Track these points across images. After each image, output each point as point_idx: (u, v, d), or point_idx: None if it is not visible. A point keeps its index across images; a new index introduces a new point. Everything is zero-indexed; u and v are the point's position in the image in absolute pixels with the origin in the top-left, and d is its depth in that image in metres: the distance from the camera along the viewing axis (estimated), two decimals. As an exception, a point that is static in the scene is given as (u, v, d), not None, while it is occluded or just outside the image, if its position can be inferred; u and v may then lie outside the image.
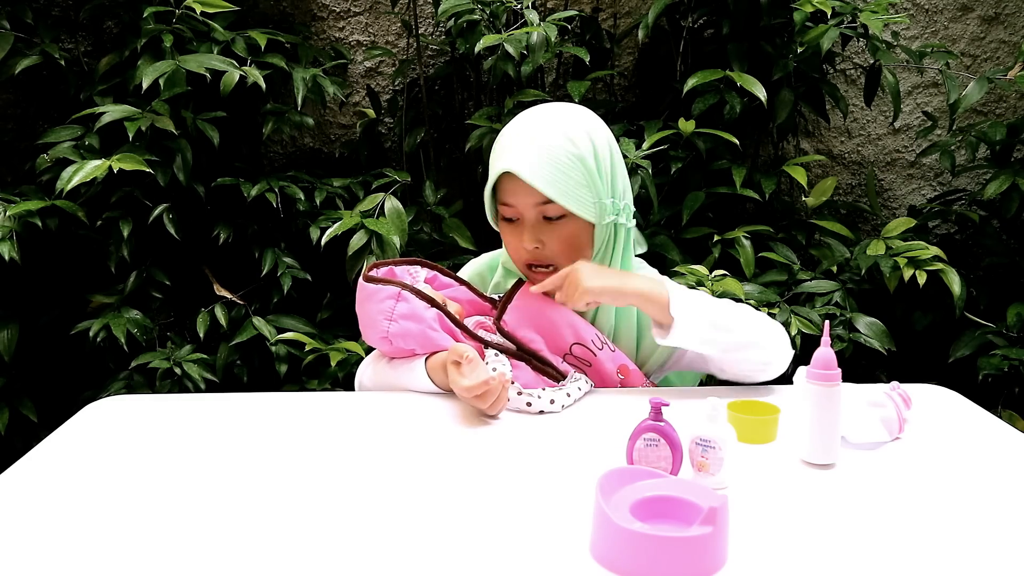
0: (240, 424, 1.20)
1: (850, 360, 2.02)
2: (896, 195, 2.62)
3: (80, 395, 2.06)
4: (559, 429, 1.17)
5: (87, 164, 1.95)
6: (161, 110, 2.04)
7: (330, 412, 1.25)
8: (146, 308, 2.15)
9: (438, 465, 1.05)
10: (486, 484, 0.99)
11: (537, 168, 1.27)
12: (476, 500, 0.95)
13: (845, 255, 2.21)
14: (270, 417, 1.23)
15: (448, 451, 1.10)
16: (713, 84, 2.14)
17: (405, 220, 2.15)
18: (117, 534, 0.88)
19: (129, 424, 1.20)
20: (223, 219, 2.20)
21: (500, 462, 1.06)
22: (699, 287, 1.96)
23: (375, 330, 1.30)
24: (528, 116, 1.34)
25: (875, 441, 1.11)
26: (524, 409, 1.22)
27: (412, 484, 0.99)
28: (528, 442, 1.12)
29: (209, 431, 1.17)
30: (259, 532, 0.88)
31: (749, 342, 1.28)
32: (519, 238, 1.34)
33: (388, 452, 1.09)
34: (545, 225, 1.32)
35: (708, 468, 0.97)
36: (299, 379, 2.13)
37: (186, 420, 1.22)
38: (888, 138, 2.59)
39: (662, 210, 2.21)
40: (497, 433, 1.15)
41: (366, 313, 1.31)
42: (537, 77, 2.40)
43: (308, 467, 1.05)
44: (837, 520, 0.91)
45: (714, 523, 0.79)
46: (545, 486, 0.99)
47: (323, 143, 2.57)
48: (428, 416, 1.22)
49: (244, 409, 1.26)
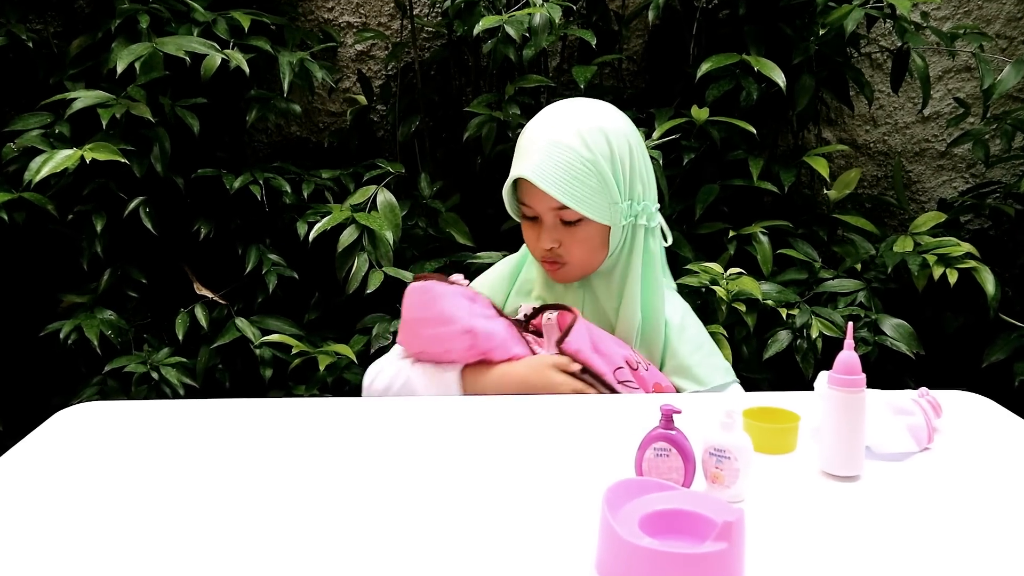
0: (222, 432, 1.20)
1: (875, 365, 2.02)
2: (925, 188, 2.62)
3: (49, 401, 2.06)
4: (563, 438, 1.17)
5: (57, 154, 1.95)
6: (137, 96, 2.04)
7: (319, 419, 1.25)
8: (121, 308, 2.15)
9: (436, 475, 1.05)
10: (486, 496, 1.00)
11: (551, 175, 1.37)
12: (475, 513, 0.95)
13: (870, 252, 2.21)
14: (254, 425, 1.23)
15: (446, 460, 1.10)
16: (728, 69, 2.14)
17: (399, 214, 2.15)
18: (88, 551, 0.88)
19: (102, 432, 1.20)
20: (204, 213, 2.20)
21: (501, 473, 1.06)
22: (714, 286, 1.97)
23: (456, 325, 1.38)
24: (546, 117, 1.44)
25: (902, 451, 1.11)
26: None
27: (408, 496, 1.00)
28: (530, 452, 1.12)
29: (189, 440, 1.17)
30: (243, 552, 0.88)
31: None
32: (538, 236, 1.45)
33: (382, 463, 1.09)
34: (563, 227, 1.43)
35: (723, 480, 0.97)
36: (285, 384, 2.13)
37: (164, 428, 1.22)
38: (917, 126, 2.59)
39: (673, 204, 2.20)
40: (498, 443, 1.16)
41: (442, 311, 1.39)
42: (540, 61, 2.40)
43: (296, 479, 1.05)
44: (861, 536, 0.91)
45: (729, 539, 0.79)
46: (548, 498, 0.99)
47: (311, 132, 2.57)
48: (424, 424, 1.22)
49: (226, 416, 1.26)
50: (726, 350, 1.93)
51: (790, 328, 2.02)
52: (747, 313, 1.98)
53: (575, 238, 1.42)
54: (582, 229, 1.42)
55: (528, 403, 1.30)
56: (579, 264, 1.45)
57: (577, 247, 1.43)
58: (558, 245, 1.43)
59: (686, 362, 1.46)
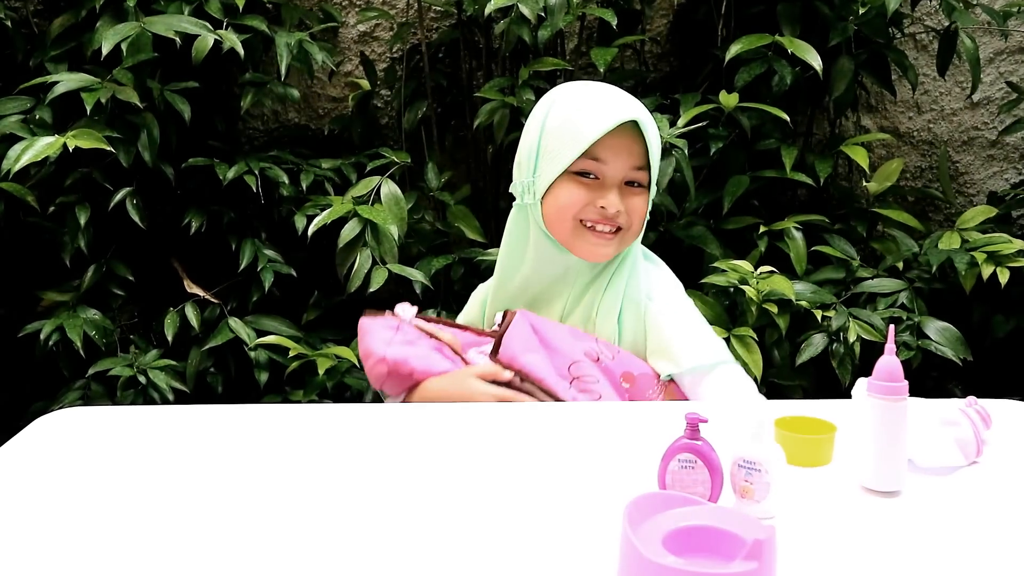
0: (214, 441, 1.20)
1: (918, 371, 2.01)
2: (974, 180, 2.61)
3: (29, 407, 2.07)
4: (581, 448, 1.17)
5: (38, 141, 1.96)
6: (123, 79, 2.05)
7: (318, 427, 1.25)
8: (106, 307, 2.17)
9: (445, 487, 1.05)
10: (498, 509, 0.99)
11: (652, 128, 1.42)
12: (487, 528, 0.95)
13: (913, 249, 2.20)
14: (248, 433, 1.23)
15: (457, 471, 1.10)
16: (760, 51, 2.14)
17: (404, 207, 2.15)
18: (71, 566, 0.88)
19: (85, 440, 1.21)
20: (195, 205, 2.21)
21: (515, 485, 1.06)
22: (743, 285, 1.96)
23: (373, 358, 1.44)
24: (600, 84, 1.47)
25: (948, 465, 1.11)
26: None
27: (415, 510, 0.99)
28: (547, 463, 1.12)
29: (178, 448, 1.18)
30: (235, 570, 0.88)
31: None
32: (593, 195, 1.41)
33: (387, 474, 1.09)
34: (625, 190, 1.44)
35: (752, 494, 0.96)
36: (282, 389, 2.13)
37: (151, 435, 1.22)
38: (965, 113, 2.58)
39: (700, 197, 2.20)
40: (512, 452, 1.15)
41: (365, 347, 1.46)
42: (556, 43, 2.40)
43: (293, 492, 1.05)
44: (901, 557, 0.91)
45: (759, 558, 0.79)
46: (565, 513, 0.99)
47: (310, 119, 2.58)
48: (433, 433, 1.22)
49: (218, 424, 1.26)
50: (756, 355, 1.93)
51: (825, 331, 2.01)
52: (779, 315, 1.97)
53: (635, 204, 1.43)
54: (640, 195, 1.44)
55: (544, 411, 1.30)
56: (633, 231, 1.45)
57: (637, 215, 1.44)
58: (623, 207, 1.42)
59: (665, 342, 1.45)
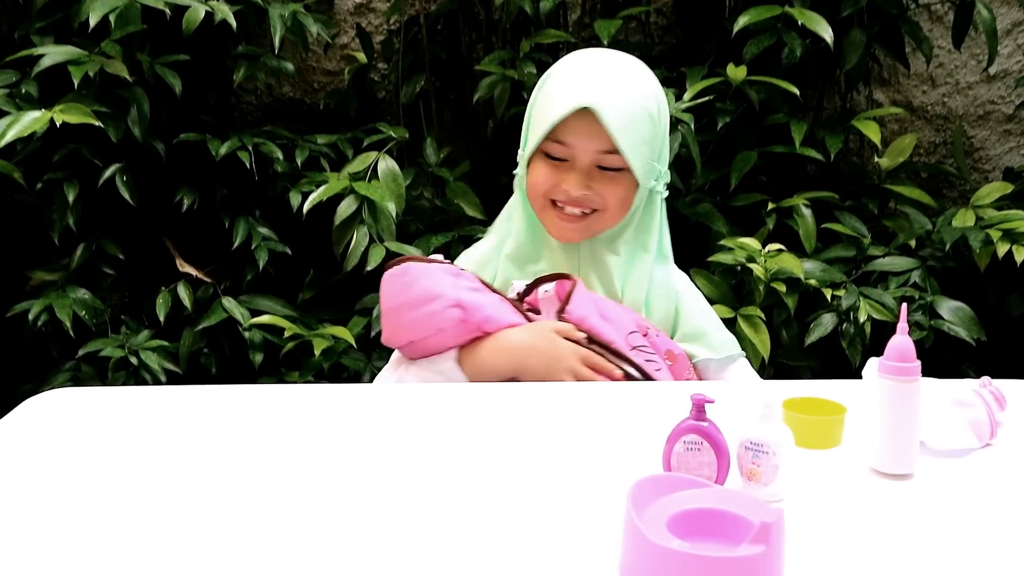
0: (208, 423, 1.21)
1: (931, 351, 2.02)
2: (989, 155, 2.60)
3: (18, 389, 2.08)
4: (585, 429, 1.17)
5: (24, 116, 1.95)
6: (112, 52, 2.05)
7: (314, 408, 1.25)
8: (96, 287, 2.17)
9: (446, 469, 1.06)
10: (500, 491, 1.00)
11: (615, 113, 1.38)
12: (489, 510, 0.96)
13: (926, 227, 2.20)
14: (243, 414, 1.23)
15: (458, 453, 1.10)
16: (769, 22, 2.13)
17: (402, 184, 2.15)
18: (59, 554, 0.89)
19: (75, 422, 1.21)
20: (187, 182, 2.21)
21: (517, 466, 1.06)
22: (750, 263, 1.96)
23: (443, 300, 1.36)
24: (600, 55, 1.48)
25: (960, 447, 1.11)
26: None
27: (415, 492, 1.00)
28: (549, 444, 1.13)
29: (171, 430, 1.18)
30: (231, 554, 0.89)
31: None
32: (560, 178, 1.43)
33: (386, 456, 1.10)
34: (598, 173, 1.43)
35: (760, 477, 0.97)
36: (277, 370, 2.14)
37: (143, 417, 1.22)
38: (981, 87, 2.57)
39: (706, 173, 2.20)
40: (514, 433, 1.16)
41: (426, 289, 1.38)
42: (559, 15, 2.39)
43: (290, 474, 1.05)
44: (913, 540, 0.91)
45: (767, 542, 0.79)
46: (568, 495, 0.99)
47: (305, 93, 2.57)
48: (434, 414, 1.23)
49: (212, 405, 1.26)
50: (763, 335, 1.93)
51: (835, 311, 2.01)
52: (787, 294, 1.97)
53: (609, 188, 1.43)
54: (617, 180, 1.43)
55: (546, 391, 1.31)
56: (610, 214, 1.45)
57: (612, 195, 1.43)
58: (590, 192, 1.42)
59: (699, 328, 1.50)
